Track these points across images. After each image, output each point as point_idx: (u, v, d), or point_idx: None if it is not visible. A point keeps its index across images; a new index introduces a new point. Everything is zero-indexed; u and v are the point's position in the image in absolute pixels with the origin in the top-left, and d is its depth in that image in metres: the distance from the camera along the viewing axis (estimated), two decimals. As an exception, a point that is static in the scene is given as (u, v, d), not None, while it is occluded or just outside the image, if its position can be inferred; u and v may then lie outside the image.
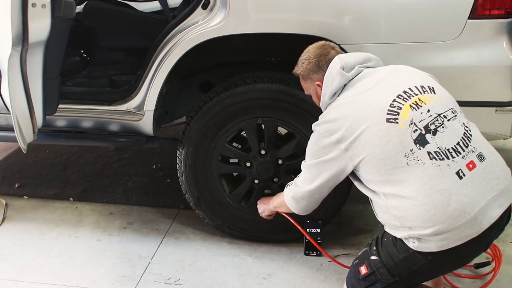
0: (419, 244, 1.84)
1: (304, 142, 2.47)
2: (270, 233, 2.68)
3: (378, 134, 1.85)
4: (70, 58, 3.10)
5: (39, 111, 2.30)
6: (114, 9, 3.10)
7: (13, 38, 2.09)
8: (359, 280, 1.98)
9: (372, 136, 1.86)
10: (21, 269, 2.49)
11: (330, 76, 2.04)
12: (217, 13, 2.33)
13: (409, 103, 1.88)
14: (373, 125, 1.87)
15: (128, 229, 2.86)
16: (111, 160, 3.75)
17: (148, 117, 2.55)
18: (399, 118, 1.85)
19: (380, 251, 1.96)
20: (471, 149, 1.86)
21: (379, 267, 1.94)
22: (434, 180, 1.79)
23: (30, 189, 3.31)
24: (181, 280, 2.42)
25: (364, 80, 2.00)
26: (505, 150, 3.72)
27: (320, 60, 2.10)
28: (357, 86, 1.99)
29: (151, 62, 2.47)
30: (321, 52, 2.11)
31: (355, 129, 1.89)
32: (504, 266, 2.47)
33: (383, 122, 1.86)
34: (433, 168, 1.80)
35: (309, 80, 2.15)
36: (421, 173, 1.80)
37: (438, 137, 1.83)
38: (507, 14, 2.22)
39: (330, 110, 2.01)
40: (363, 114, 1.90)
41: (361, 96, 1.95)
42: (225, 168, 2.65)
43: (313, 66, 2.11)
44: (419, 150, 1.82)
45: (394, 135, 1.84)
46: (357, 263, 2.03)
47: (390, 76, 1.98)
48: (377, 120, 1.87)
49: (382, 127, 1.86)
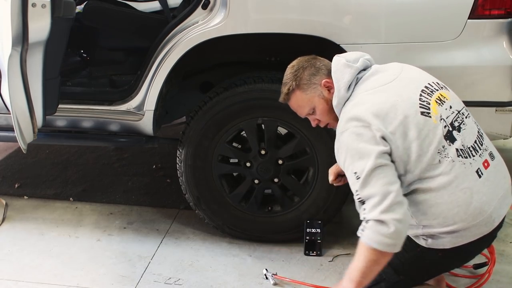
0: (432, 241, 1.83)
1: (304, 142, 2.49)
2: (270, 233, 2.68)
3: (417, 127, 1.76)
4: (70, 58, 3.10)
5: (39, 111, 2.30)
6: (114, 9, 3.10)
7: (13, 38, 2.10)
8: None
9: (411, 128, 1.76)
10: (21, 269, 2.49)
11: (339, 71, 1.90)
12: (217, 13, 2.33)
13: (434, 98, 1.83)
14: (410, 117, 1.77)
15: (128, 229, 2.86)
16: (111, 160, 3.75)
17: (148, 117, 2.55)
18: (431, 113, 1.80)
19: None
20: (485, 147, 1.88)
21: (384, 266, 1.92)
22: (460, 178, 1.78)
23: (30, 189, 3.31)
24: (181, 280, 2.42)
25: (379, 74, 1.90)
26: (505, 150, 3.72)
27: (313, 63, 1.97)
28: (373, 79, 1.89)
29: (151, 62, 2.47)
30: (308, 58, 2.00)
31: (392, 118, 1.76)
32: (504, 266, 2.47)
33: (419, 115, 1.78)
34: (459, 166, 1.78)
35: (312, 86, 1.94)
36: (449, 171, 1.77)
37: (462, 134, 1.82)
38: (507, 14, 2.22)
39: (356, 104, 1.83)
40: (397, 104, 1.78)
41: (387, 88, 1.84)
42: (225, 168, 2.65)
43: (310, 69, 1.95)
44: (449, 147, 1.78)
45: (430, 130, 1.77)
46: None
47: (404, 71, 1.92)
48: (413, 112, 1.78)
49: (419, 120, 1.77)
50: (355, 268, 1.78)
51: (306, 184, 2.60)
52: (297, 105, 2.00)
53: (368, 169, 1.71)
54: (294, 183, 2.62)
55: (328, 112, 1.95)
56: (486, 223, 1.82)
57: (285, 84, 1.99)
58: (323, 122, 2.01)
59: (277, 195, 2.64)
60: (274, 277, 2.38)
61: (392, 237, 1.68)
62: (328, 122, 2.00)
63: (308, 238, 2.58)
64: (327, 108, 1.95)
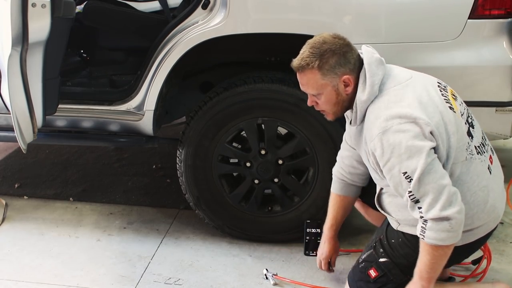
0: None
1: (304, 142, 2.49)
2: (270, 233, 2.67)
3: (451, 121, 1.71)
4: (70, 58, 3.10)
5: (39, 111, 2.30)
6: (114, 9, 3.10)
7: (13, 38, 2.10)
8: (369, 283, 1.96)
9: (447, 123, 1.70)
10: (21, 269, 2.49)
11: (373, 65, 1.79)
12: (217, 13, 2.33)
13: (450, 94, 1.81)
14: (445, 111, 1.71)
15: (128, 229, 2.86)
16: (111, 160, 3.75)
17: (148, 117, 2.55)
18: (454, 108, 1.76)
19: (390, 253, 1.93)
20: (488, 142, 1.90)
21: (391, 268, 1.92)
22: (480, 176, 1.76)
23: (30, 189, 3.31)
24: (181, 280, 2.42)
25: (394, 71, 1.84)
26: (505, 150, 3.72)
27: (345, 52, 1.80)
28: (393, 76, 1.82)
29: (151, 62, 2.47)
30: (343, 43, 1.82)
31: (433, 112, 1.70)
32: (504, 266, 2.47)
33: (448, 109, 1.74)
34: (479, 163, 1.77)
35: (331, 75, 1.80)
36: (473, 169, 1.75)
37: (475, 131, 1.82)
38: (507, 14, 2.23)
39: (392, 100, 1.73)
40: (430, 97, 1.73)
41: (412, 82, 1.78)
42: (225, 168, 2.65)
43: (339, 58, 1.79)
44: (472, 143, 1.76)
45: (459, 125, 1.74)
46: (363, 266, 1.99)
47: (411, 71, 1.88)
48: (445, 106, 1.73)
49: (450, 113, 1.73)
50: (424, 266, 1.76)
51: (306, 184, 2.60)
52: (306, 82, 1.86)
53: (421, 168, 1.64)
54: (294, 183, 2.62)
55: (333, 103, 1.87)
56: (495, 219, 1.83)
57: (308, 56, 1.80)
58: (320, 108, 1.92)
59: (277, 195, 2.64)
60: (274, 277, 2.37)
61: (455, 229, 1.67)
62: (326, 110, 1.92)
63: (308, 238, 2.57)
64: (334, 101, 1.86)
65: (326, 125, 2.43)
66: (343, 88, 1.83)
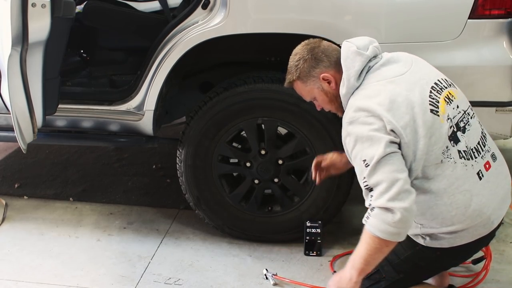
0: (431, 241, 1.83)
1: (304, 142, 2.49)
2: (270, 233, 2.67)
3: (425, 124, 1.74)
4: (70, 58, 3.10)
5: (39, 111, 2.30)
6: (114, 9, 3.10)
7: (13, 38, 2.10)
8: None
9: (420, 125, 1.73)
10: (21, 269, 2.49)
11: (349, 59, 1.85)
12: (217, 13, 2.33)
13: (443, 96, 1.81)
14: (420, 114, 1.74)
15: (128, 229, 2.86)
16: (111, 160, 3.75)
17: (148, 117, 2.55)
18: (439, 111, 1.77)
19: None
20: (487, 148, 1.87)
21: (383, 265, 1.92)
22: (460, 180, 1.77)
23: (30, 189, 3.31)
24: (181, 280, 2.42)
25: (391, 65, 1.86)
26: (505, 150, 3.72)
27: (315, 53, 1.90)
28: (385, 70, 1.85)
29: (151, 62, 2.47)
30: (312, 46, 1.93)
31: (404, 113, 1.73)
32: (504, 266, 2.47)
33: (428, 112, 1.76)
34: (461, 168, 1.77)
35: (311, 79, 1.92)
36: (450, 172, 1.76)
37: (466, 136, 1.81)
38: (507, 14, 2.22)
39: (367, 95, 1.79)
40: (409, 99, 1.75)
41: (399, 80, 1.80)
42: (225, 168, 2.65)
43: (310, 61, 1.90)
44: (452, 148, 1.77)
45: (437, 128, 1.75)
46: None
47: (415, 64, 1.88)
48: (423, 109, 1.75)
49: (428, 117, 1.75)
50: (358, 256, 1.75)
51: (306, 184, 2.60)
52: (299, 93, 2.01)
53: (377, 156, 1.68)
54: (294, 183, 2.62)
55: (328, 102, 1.94)
56: (485, 224, 1.82)
57: (288, 73, 1.97)
58: (325, 108, 2.00)
59: (277, 195, 2.64)
60: (274, 277, 2.37)
61: (397, 226, 1.65)
62: (330, 109, 1.98)
63: (308, 238, 2.58)
64: (327, 99, 1.94)
65: (326, 125, 2.43)
66: (328, 85, 1.91)
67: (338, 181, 2.49)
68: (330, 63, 1.90)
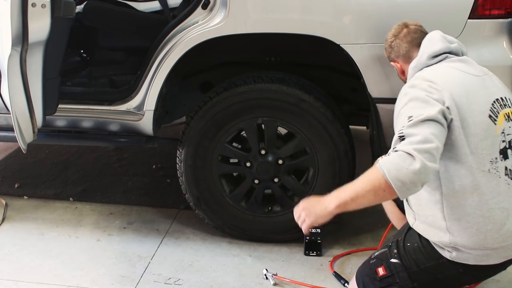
0: (457, 255, 1.79)
1: (304, 142, 2.49)
2: (270, 233, 2.67)
3: (480, 125, 1.73)
4: (70, 58, 3.10)
5: (39, 111, 2.30)
6: (114, 9, 3.10)
7: (13, 38, 2.10)
8: (374, 280, 1.93)
9: (476, 122, 1.72)
10: (21, 269, 2.49)
11: (430, 41, 1.93)
12: (217, 13, 2.33)
13: (504, 112, 1.80)
14: (477, 112, 1.74)
15: (128, 229, 2.86)
16: (111, 160, 3.75)
17: (148, 117, 2.55)
18: (497, 122, 1.77)
19: (402, 256, 1.90)
20: None
21: (399, 271, 1.88)
22: (501, 196, 1.75)
23: (30, 189, 3.31)
24: (181, 280, 2.42)
25: (469, 63, 1.89)
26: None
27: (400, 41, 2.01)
28: (461, 64, 1.87)
29: (151, 62, 2.47)
30: (404, 35, 2.02)
31: (464, 103, 1.72)
32: (504, 266, 2.46)
33: (486, 116, 1.75)
34: (504, 185, 1.76)
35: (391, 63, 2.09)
36: (495, 185, 1.74)
37: None
38: (507, 14, 2.22)
39: (436, 73, 1.82)
40: (472, 94, 1.75)
41: (470, 77, 1.82)
42: (225, 168, 2.65)
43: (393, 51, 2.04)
44: (501, 162, 1.75)
45: (491, 135, 1.74)
46: (374, 262, 1.96)
47: (489, 75, 1.89)
48: (483, 110, 1.75)
49: (485, 119, 1.75)
50: (350, 188, 1.67)
51: (306, 184, 2.60)
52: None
53: (426, 115, 1.64)
54: (294, 183, 2.62)
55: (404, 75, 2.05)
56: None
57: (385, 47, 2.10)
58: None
59: (277, 195, 2.64)
60: (274, 277, 2.37)
61: (408, 176, 1.56)
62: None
63: (308, 238, 2.58)
64: (403, 78, 2.05)
65: (326, 125, 2.44)
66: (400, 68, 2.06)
67: (338, 181, 2.48)
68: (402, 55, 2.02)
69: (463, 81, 1.79)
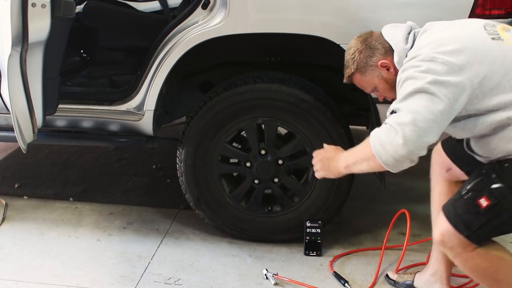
0: None
1: (304, 142, 2.49)
2: (270, 233, 2.67)
3: (492, 50, 1.71)
4: (70, 58, 3.10)
5: (39, 111, 2.30)
6: (114, 9, 3.10)
7: (13, 38, 2.09)
8: (478, 215, 1.73)
9: (486, 52, 1.70)
10: (21, 269, 2.49)
11: (390, 31, 1.93)
12: (217, 13, 2.33)
13: (499, 28, 1.79)
14: (480, 43, 1.72)
15: (128, 229, 2.86)
16: (111, 160, 3.75)
17: (148, 117, 2.55)
18: (501, 36, 1.75)
19: (504, 177, 1.71)
20: None
21: (506, 194, 1.70)
22: None
23: (30, 189, 3.31)
24: (181, 280, 2.42)
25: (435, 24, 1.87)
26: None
27: (368, 43, 1.96)
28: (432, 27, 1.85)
29: (151, 62, 2.47)
30: (364, 37, 1.99)
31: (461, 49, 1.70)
32: (504, 266, 2.46)
33: (490, 40, 1.74)
34: None
35: (369, 69, 1.95)
36: None
37: None
38: (507, 14, 2.22)
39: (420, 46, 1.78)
40: (465, 35, 1.75)
41: (449, 27, 1.81)
42: (225, 168, 2.65)
43: (366, 51, 1.95)
44: None
45: (507, 50, 1.72)
46: (470, 196, 1.76)
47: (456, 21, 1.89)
48: (483, 39, 1.73)
49: (491, 44, 1.72)
50: (353, 152, 1.89)
51: (306, 184, 2.60)
52: (360, 86, 2.04)
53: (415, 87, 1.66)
54: (294, 183, 2.62)
55: (390, 89, 1.96)
56: None
57: (345, 68, 2.02)
58: (388, 97, 2.00)
59: (277, 195, 2.64)
60: (275, 277, 2.37)
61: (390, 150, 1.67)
62: (393, 97, 1.93)
63: (308, 238, 2.58)
64: (388, 87, 1.96)
65: (326, 125, 2.43)
66: (387, 72, 1.95)
67: (338, 181, 2.48)
68: (385, 50, 1.94)
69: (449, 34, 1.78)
